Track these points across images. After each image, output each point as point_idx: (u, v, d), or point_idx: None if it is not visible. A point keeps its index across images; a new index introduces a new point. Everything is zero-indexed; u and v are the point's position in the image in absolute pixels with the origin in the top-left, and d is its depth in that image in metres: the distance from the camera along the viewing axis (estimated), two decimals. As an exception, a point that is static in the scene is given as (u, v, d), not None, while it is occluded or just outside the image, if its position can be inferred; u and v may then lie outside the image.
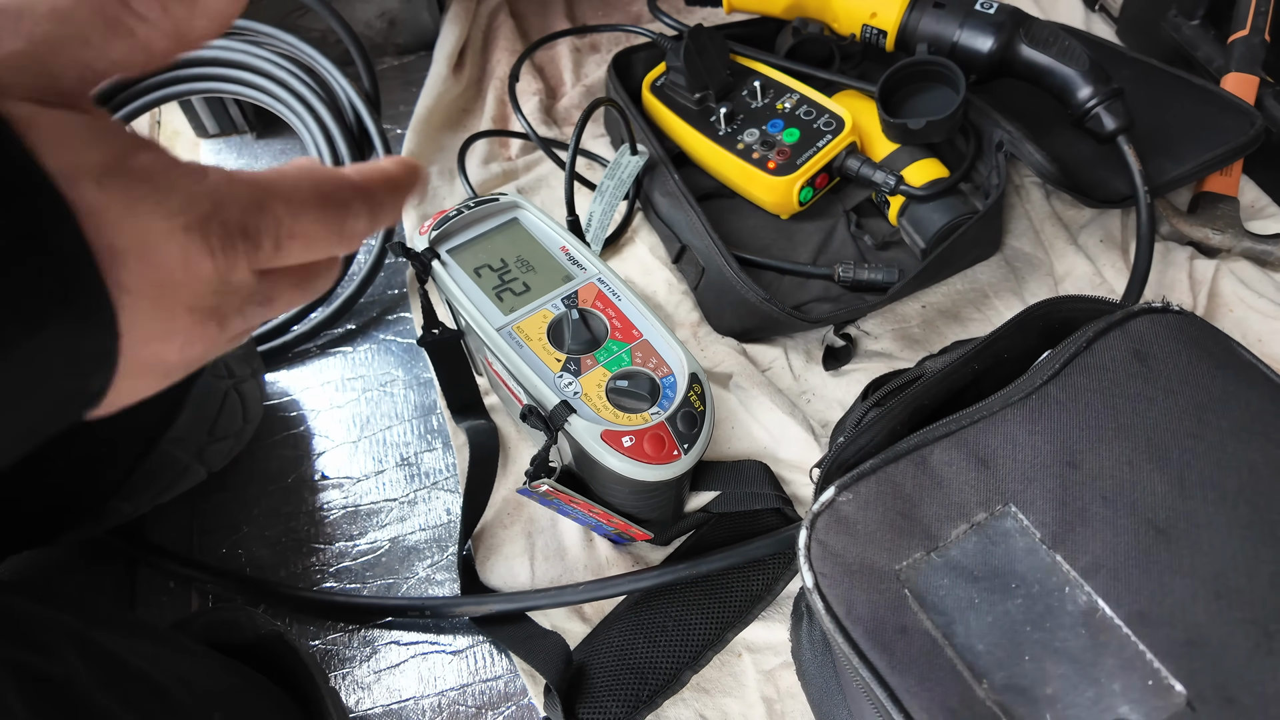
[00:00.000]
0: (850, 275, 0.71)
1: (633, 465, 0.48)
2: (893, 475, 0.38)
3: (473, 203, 0.62)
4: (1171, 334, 0.40)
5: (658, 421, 0.49)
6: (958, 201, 0.73)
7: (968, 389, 0.45)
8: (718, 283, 0.70)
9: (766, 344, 0.71)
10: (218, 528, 0.63)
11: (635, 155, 0.79)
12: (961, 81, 0.72)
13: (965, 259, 0.75)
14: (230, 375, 0.60)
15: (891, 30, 0.79)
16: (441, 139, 0.90)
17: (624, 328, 0.55)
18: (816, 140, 0.75)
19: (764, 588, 0.56)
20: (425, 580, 0.60)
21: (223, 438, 0.60)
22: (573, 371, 0.52)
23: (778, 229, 0.78)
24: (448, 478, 0.65)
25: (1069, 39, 0.75)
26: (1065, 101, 0.74)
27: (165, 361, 0.22)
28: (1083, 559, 0.34)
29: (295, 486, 0.65)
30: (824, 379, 0.69)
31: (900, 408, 0.42)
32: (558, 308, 0.56)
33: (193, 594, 0.60)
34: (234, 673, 0.48)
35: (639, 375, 0.52)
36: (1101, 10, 1.03)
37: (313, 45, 0.81)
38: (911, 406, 0.43)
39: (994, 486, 0.37)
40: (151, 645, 0.42)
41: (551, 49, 0.99)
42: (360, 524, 0.63)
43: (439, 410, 0.69)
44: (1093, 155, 0.77)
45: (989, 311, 0.73)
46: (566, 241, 0.60)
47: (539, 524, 0.60)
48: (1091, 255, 0.76)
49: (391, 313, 0.76)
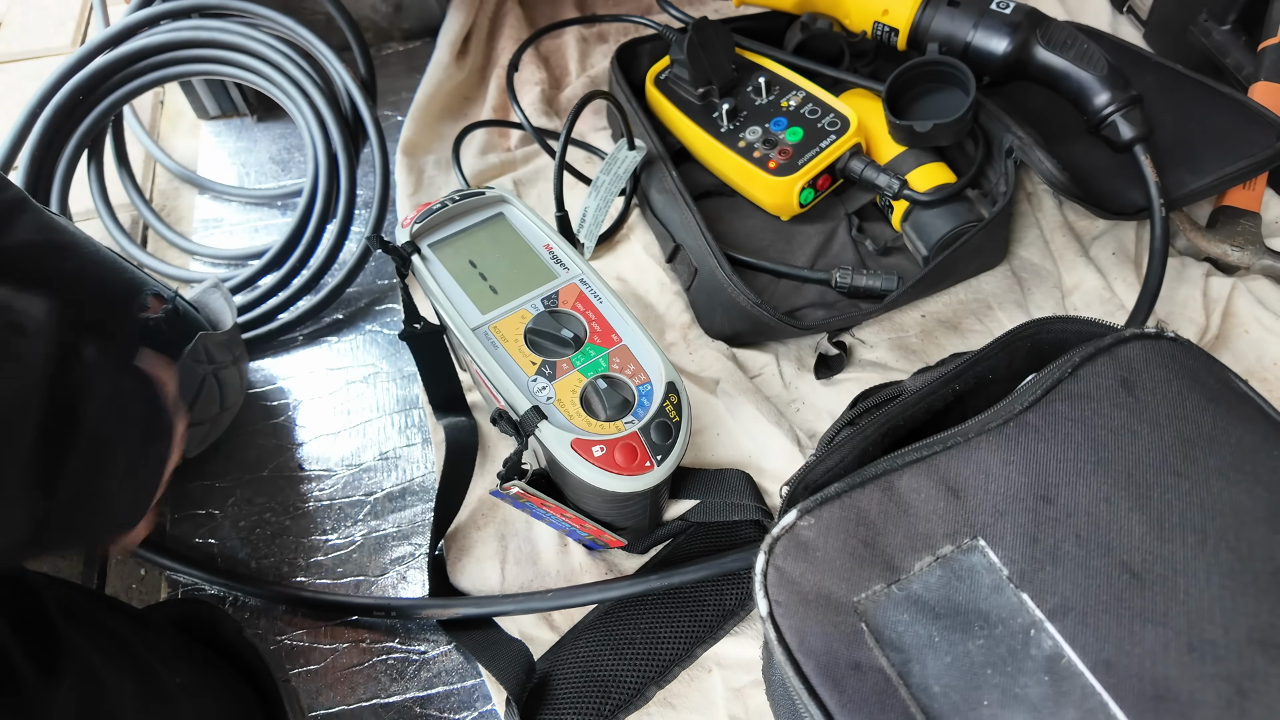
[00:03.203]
0: (848, 281, 0.69)
1: (602, 475, 0.47)
2: (858, 501, 0.36)
3: (458, 196, 0.60)
4: (1163, 362, 0.38)
5: (630, 431, 0.48)
6: (963, 208, 0.71)
7: (949, 411, 0.43)
8: (710, 284, 0.69)
9: (758, 349, 0.70)
10: (192, 514, 0.62)
11: (633, 150, 0.77)
12: (972, 83, 0.69)
13: (968, 268, 0.72)
14: (210, 361, 0.59)
15: (904, 28, 0.77)
16: (441, 127, 0.88)
17: (603, 331, 0.53)
18: (820, 140, 0.73)
19: (738, 603, 0.54)
20: (397, 578, 0.59)
21: (198, 423, 0.60)
22: (547, 375, 0.51)
23: (777, 230, 0.76)
24: (426, 475, 0.64)
25: (1087, 42, 0.72)
26: (1081, 107, 0.72)
27: None
28: (1051, 600, 0.32)
29: (272, 477, 0.64)
30: (815, 388, 0.67)
31: (873, 428, 0.41)
32: (536, 308, 0.54)
33: (163, 582, 0.59)
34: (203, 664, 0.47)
35: (615, 382, 0.51)
36: (1129, 12, 0.99)
37: (317, 29, 0.80)
38: (885, 427, 0.41)
39: (963, 518, 0.35)
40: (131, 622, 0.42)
41: (558, 38, 0.97)
42: (335, 518, 0.62)
43: (421, 405, 0.68)
44: (1109, 164, 0.74)
45: (991, 323, 0.71)
46: (551, 240, 0.58)
47: (513, 527, 0.59)
48: (1102, 268, 0.73)
49: (380, 303, 0.75)
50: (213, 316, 0.65)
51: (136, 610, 0.49)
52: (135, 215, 0.84)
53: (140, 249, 0.79)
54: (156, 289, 0.58)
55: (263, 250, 0.77)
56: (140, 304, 0.56)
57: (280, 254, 0.75)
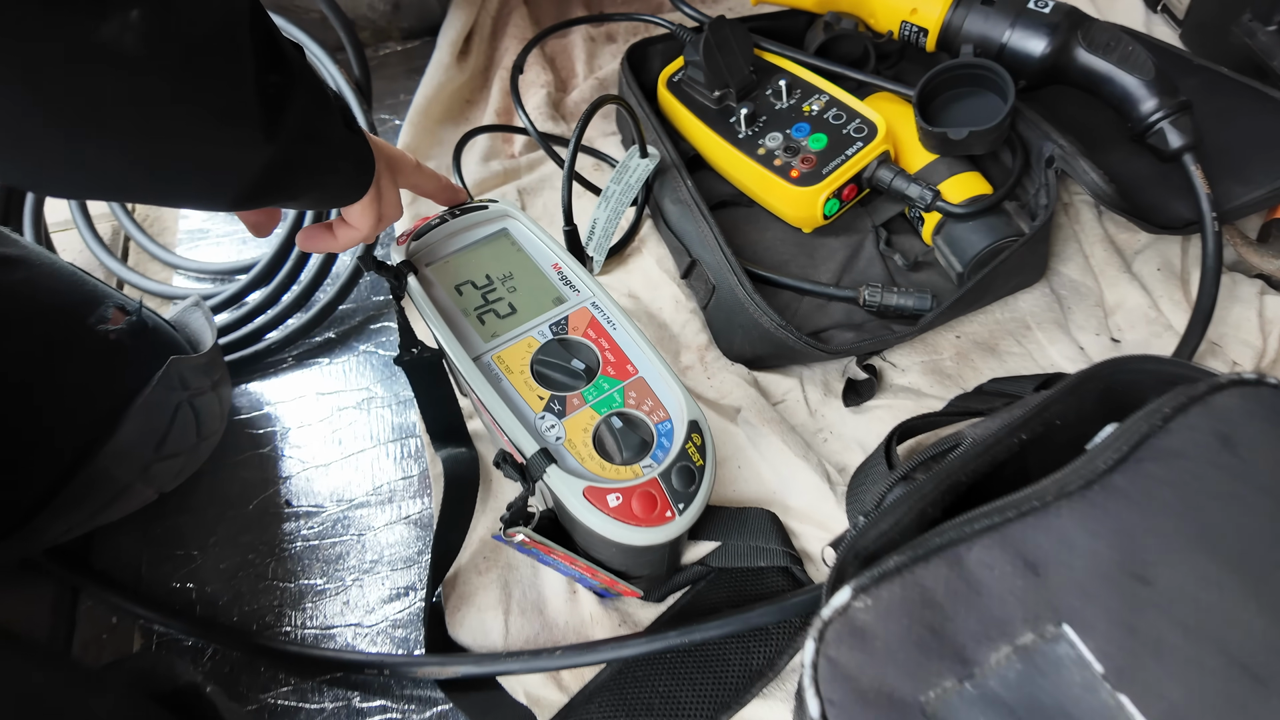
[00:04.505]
0: (877, 300, 0.64)
1: (618, 527, 0.42)
2: (921, 577, 0.32)
3: (458, 210, 0.55)
4: (1266, 414, 0.33)
5: (649, 477, 0.43)
6: (1000, 222, 0.66)
7: (1011, 460, 0.38)
8: (729, 302, 0.64)
9: (780, 373, 0.65)
10: (170, 554, 0.58)
11: (645, 158, 0.72)
12: (1011, 88, 0.64)
13: (1007, 286, 0.67)
14: (184, 387, 0.54)
15: (934, 29, 0.72)
16: (440, 132, 0.83)
17: (618, 362, 0.48)
18: (845, 147, 0.68)
19: (766, 662, 0.49)
20: (390, 627, 0.54)
21: (172, 455, 0.55)
22: (556, 412, 0.46)
23: (799, 244, 0.72)
24: (423, 512, 0.59)
25: (1132, 43, 0.67)
26: (1125, 114, 0.67)
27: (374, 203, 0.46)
28: (1157, 706, 0.27)
29: (257, 514, 0.59)
30: (843, 416, 0.62)
31: (932, 485, 0.36)
32: (544, 335, 0.49)
33: (136, 632, 0.54)
34: None
35: (631, 420, 0.46)
36: (1164, 11, 0.94)
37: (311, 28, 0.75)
38: (946, 483, 0.36)
39: (1044, 600, 0.30)
40: (66, 681, 0.37)
41: (564, 38, 0.92)
42: (324, 560, 0.57)
43: (419, 433, 0.63)
44: (1151, 174, 0.70)
45: (1030, 345, 0.66)
46: (560, 258, 0.53)
47: (517, 572, 0.54)
48: (1147, 285, 0.69)
49: (375, 322, 0.70)
50: (192, 336, 0.60)
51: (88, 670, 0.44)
52: (115, 226, 0.79)
53: (120, 262, 0.74)
54: (121, 301, 0.53)
55: (250, 264, 0.72)
56: (99, 315, 0.51)
57: (269, 268, 0.70)
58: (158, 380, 0.51)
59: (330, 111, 0.40)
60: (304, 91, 0.37)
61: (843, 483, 0.57)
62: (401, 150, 0.51)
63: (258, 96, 0.34)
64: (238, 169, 0.35)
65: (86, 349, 0.50)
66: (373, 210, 0.47)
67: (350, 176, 0.44)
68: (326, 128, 0.39)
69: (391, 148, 0.50)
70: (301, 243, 0.50)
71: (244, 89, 0.33)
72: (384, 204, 0.48)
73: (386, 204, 0.48)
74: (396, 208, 0.50)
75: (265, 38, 0.35)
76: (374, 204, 0.47)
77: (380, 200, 0.47)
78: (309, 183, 0.40)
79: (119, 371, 0.51)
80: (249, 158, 0.35)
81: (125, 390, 0.51)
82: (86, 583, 0.55)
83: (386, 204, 0.48)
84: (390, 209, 0.49)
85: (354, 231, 0.48)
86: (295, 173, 0.38)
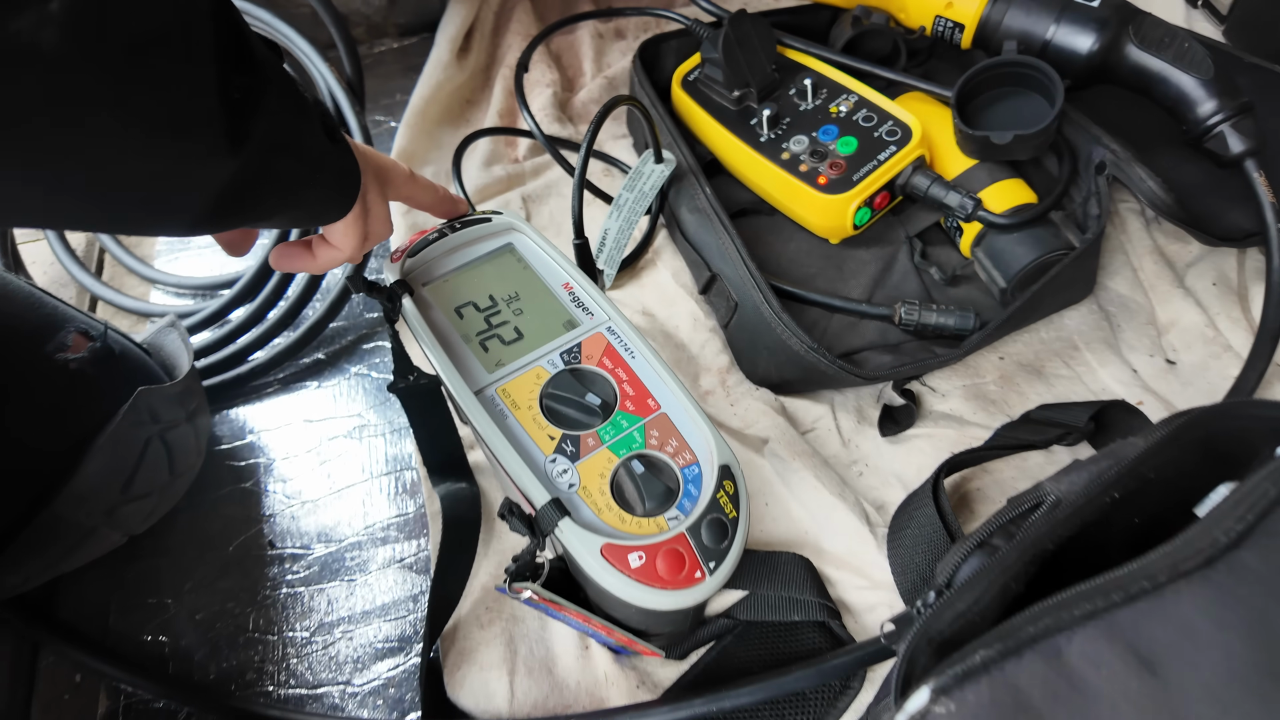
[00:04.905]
0: (915, 318, 0.59)
1: (641, 590, 0.37)
2: (1014, 676, 0.26)
3: (458, 223, 0.50)
4: None
5: (676, 532, 0.38)
6: (1048, 234, 0.61)
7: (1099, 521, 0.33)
8: (753, 322, 0.59)
9: (809, 398, 0.59)
10: (141, 603, 0.52)
11: (660, 163, 0.67)
12: (1059, 89, 0.59)
13: (1054, 303, 0.62)
14: (155, 420, 0.49)
15: (970, 24, 0.67)
16: (439, 134, 0.78)
17: (637, 396, 0.43)
18: (878, 152, 0.63)
19: (803, 732, 0.44)
20: (383, 687, 0.49)
21: (142, 496, 0.49)
22: (569, 454, 0.41)
23: (826, 255, 0.66)
24: (420, 555, 0.54)
25: (1188, 40, 0.62)
26: (1180, 116, 0.62)
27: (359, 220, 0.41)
28: None
29: (238, 556, 0.54)
30: (879, 446, 0.57)
31: (1015, 555, 0.30)
32: (555, 365, 0.44)
33: (102, 691, 0.49)
34: None
35: (654, 464, 0.40)
36: (1205, 6, 0.89)
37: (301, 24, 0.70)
38: (1031, 553, 0.31)
39: (1167, 707, 0.25)
40: None
41: (570, 34, 0.87)
42: (310, 609, 0.52)
43: (415, 465, 0.58)
44: (1203, 180, 0.65)
45: (1079, 367, 0.61)
46: (571, 277, 0.48)
47: (524, 625, 0.49)
48: (1202, 301, 0.63)
49: (367, 340, 0.65)
50: (167, 361, 0.54)
51: None
52: (90, 237, 0.74)
53: (93, 277, 0.69)
54: (85, 325, 0.48)
55: (234, 278, 0.67)
56: (58, 342, 0.46)
57: (254, 283, 0.64)
58: (124, 414, 0.46)
59: (307, 118, 0.34)
60: (276, 95, 0.32)
61: (882, 523, 0.52)
62: (393, 160, 0.45)
63: (220, 102, 0.29)
64: (197, 188, 0.30)
65: (42, 381, 0.45)
66: (357, 228, 0.42)
67: (331, 191, 0.38)
68: (303, 137, 0.34)
69: (381, 157, 0.45)
70: (275, 262, 0.45)
71: (204, 94, 0.28)
72: (370, 221, 0.42)
73: (373, 221, 0.43)
74: (385, 225, 0.44)
75: (230, 32, 0.30)
76: (359, 221, 0.41)
77: (366, 217, 0.42)
78: (283, 199, 0.35)
79: (80, 405, 0.46)
80: (210, 174, 0.30)
81: (87, 426, 0.46)
82: (48, 637, 0.49)
83: (373, 221, 0.43)
84: (378, 226, 0.44)
85: (336, 252, 0.43)
86: (265, 189, 0.33)
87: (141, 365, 0.51)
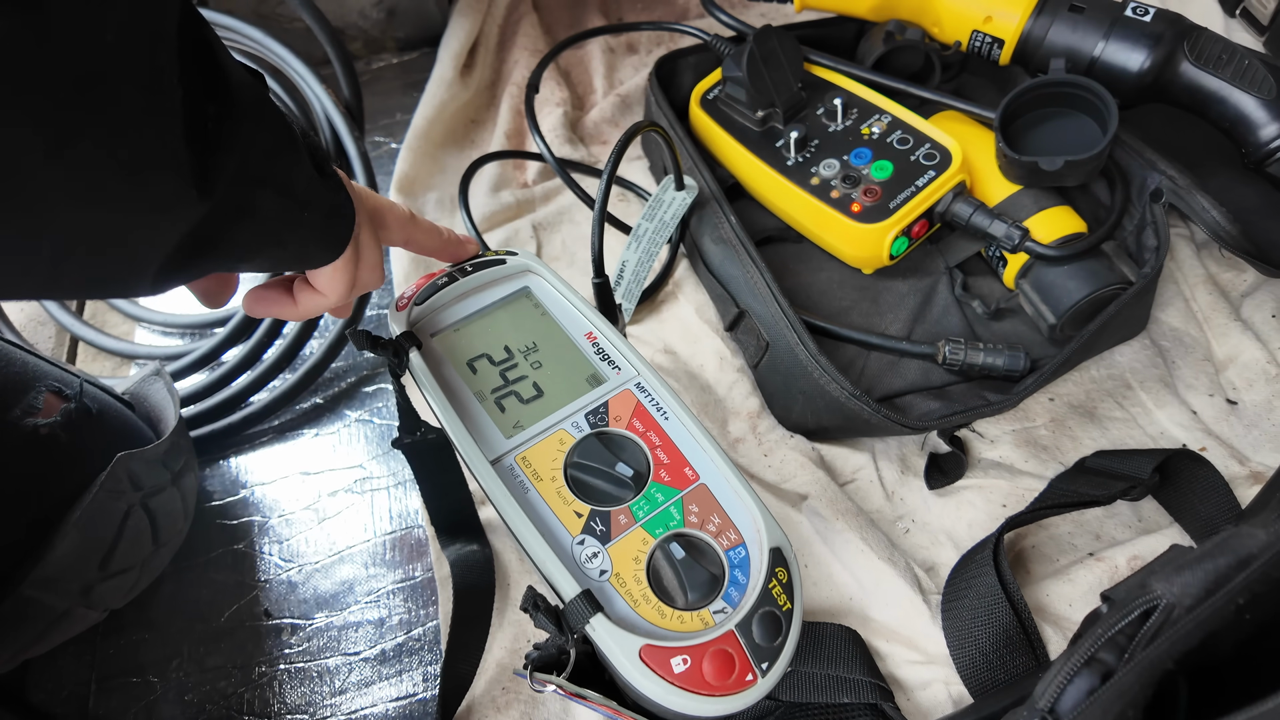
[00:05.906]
0: (960, 357, 0.55)
1: (686, 698, 0.32)
2: None
3: (469, 266, 0.46)
4: None
5: (724, 630, 0.33)
6: (1101, 266, 0.56)
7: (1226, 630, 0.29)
8: (786, 364, 0.54)
9: (848, 445, 0.55)
10: (124, 683, 0.48)
11: (682, 190, 0.62)
12: (1113, 111, 0.55)
13: (1108, 341, 0.58)
14: (136, 488, 0.44)
15: (1010, 39, 0.62)
16: (443, 158, 0.74)
17: (672, 464, 0.39)
18: (915, 177, 0.59)
19: (860, 836, 0.40)
20: (391, 776, 0.44)
21: (121, 571, 0.45)
22: (599, 534, 0.36)
23: (860, 287, 0.62)
24: (429, 626, 0.49)
25: (1248, 57, 0.58)
26: (1239, 138, 0.58)
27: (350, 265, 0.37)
28: None
29: (230, 628, 0.49)
30: (926, 499, 0.52)
31: (1133, 678, 0.26)
32: (580, 429, 0.40)
33: (80, 785, 0.45)
34: None
35: (695, 546, 0.36)
36: (1244, 16, 0.85)
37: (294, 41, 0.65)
38: (1150, 676, 0.26)
39: None
40: None
41: (580, 50, 0.82)
42: (309, 689, 0.47)
43: (421, 522, 0.53)
44: (1259, 205, 0.61)
45: (1133, 408, 0.57)
46: (595, 325, 0.44)
47: (545, 709, 0.45)
48: (1262, 335, 0.59)
49: (369, 383, 0.60)
50: (151, 413, 0.50)
51: None
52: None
53: (74, 316, 0.64)
54: (57, 383, 0.43)
55: (227, 315, 0.62)
56: (27, 405, 0.41)
57: (248, 319, 0.60)
58: (101, 483, 0.42)
59: (293, 149, 0.30)
60: (253, 124, 0.27)
61: (934, 588, 0.47)
62: (390, 201, 0.41)
63: (185, 136, 0.24)
64: (154, 242, 0.25)
65: (8, 449, 0.40)
66: (347, 274, 0.37)
67: (319, 232, 0.34)
68: (288, 169, 0.29)
69: (377, 198, 0.40)
70: (250, 306, 0.39)
71: (165, 129, 0.24)
72: (362, 267, 0.38)
73: (364, 268, 0.38)
74: (376, 273, 0.40)
75: (200, 54, 0.25)
76: (349, 266, 0.37)
77: (358, 262, 0.37)
78: (263, 240, 0.30)
79: (51, 475, 0.41)
80: (173, 220, 0.25)
81: (59, 498, 0.41)
82: (20, 723, 0.45)
83: (364, 268, 0.38)
84: (368, 274, 0.39)
85: (320, 299, 0.38)
86: (240, 229, 0.28)
87: (122, 424, 0.46)
